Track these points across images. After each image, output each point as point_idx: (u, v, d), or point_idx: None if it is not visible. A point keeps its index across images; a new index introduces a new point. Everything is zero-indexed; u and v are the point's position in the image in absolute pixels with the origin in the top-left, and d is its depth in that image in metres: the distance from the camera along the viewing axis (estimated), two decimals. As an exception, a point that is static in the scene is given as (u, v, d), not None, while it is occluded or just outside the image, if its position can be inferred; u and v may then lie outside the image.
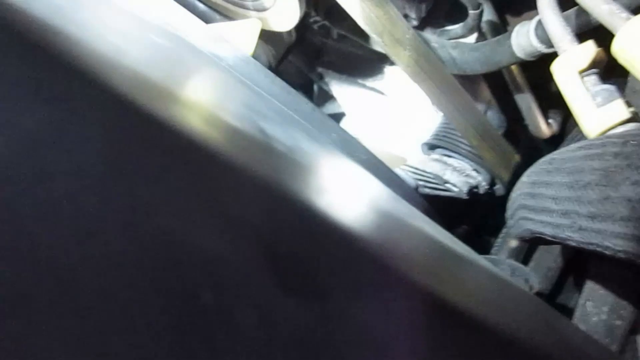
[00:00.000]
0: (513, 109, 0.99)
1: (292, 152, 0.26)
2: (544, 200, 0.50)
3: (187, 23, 0.52)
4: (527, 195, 0.54)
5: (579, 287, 0.93)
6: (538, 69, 1.02)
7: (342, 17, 0.74)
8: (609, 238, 0.41)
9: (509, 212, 0.65)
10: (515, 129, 1.01)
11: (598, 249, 0.43)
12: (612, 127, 0.55)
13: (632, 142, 0.41)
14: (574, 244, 0.47)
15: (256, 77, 0.52)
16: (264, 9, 0.70)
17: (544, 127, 0.97)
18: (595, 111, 0.56)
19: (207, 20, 0.77)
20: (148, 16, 0.45)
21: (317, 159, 0.33)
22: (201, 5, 0.80)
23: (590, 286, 0.62)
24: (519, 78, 0.95)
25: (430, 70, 0.70)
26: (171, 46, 0.39)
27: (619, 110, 0.55)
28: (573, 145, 0.50)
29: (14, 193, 0.17)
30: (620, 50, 0.54)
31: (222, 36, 0.54)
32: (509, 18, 0.96)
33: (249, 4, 0.71)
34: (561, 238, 0.48)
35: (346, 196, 0.27)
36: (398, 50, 0.68)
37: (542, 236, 0.52)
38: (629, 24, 0.53)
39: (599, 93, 0.56)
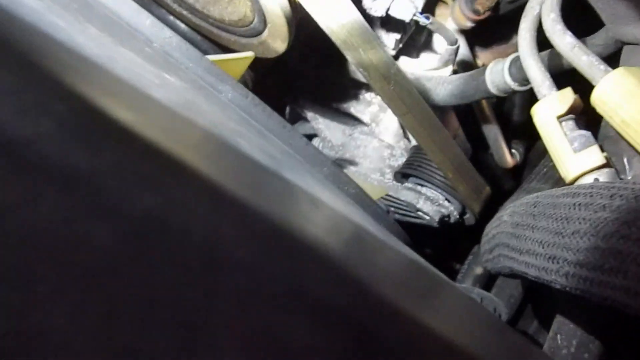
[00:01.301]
0: (479, 138, 1.03)
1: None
2: (529, 242, 0.52)
3: (186, 54, 0.51)
4: (510, 235, 0.57)
5: (537, 314, 0.98)
6: (505, 101, 1.06)
7: (321, 45, 0.75)
8: (596, 286, 0.43)
9: (486, 247, 0.67)
10: (480, 157, 1.05)
11: (585, 294, 0.45)
12: (588, 172, 0.58)
13: (619, 195, 0.44)
14: (558, 286, 0.49)
15: (254, 111, 0.52)
16: (253, 35, 0.70)
17: (508, 157, 1.02)
18: (573, 156, 0.59)
19: (188, 40, 0.76)
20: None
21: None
22: (182, 25, 0.79)
23: (560, 320, 0.65)
24: (487, 110, 0.99)
25: (412, 104, 0.71)
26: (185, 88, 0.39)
27: (594, 156, 0.58)
28: (556, 191, 0.53)
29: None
30: (598, 100, 0.57)
31: (219, 68, 0.53)
32: (479, 52, 1.00)
33: (239, 29, 0.70)
34: (546, 280, 0.50)
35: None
36: (383, 84, 0.69)
37: (524, 275, 0.55)
38: (607, 77, 0.56)
39: (576, 138, 0.59)
